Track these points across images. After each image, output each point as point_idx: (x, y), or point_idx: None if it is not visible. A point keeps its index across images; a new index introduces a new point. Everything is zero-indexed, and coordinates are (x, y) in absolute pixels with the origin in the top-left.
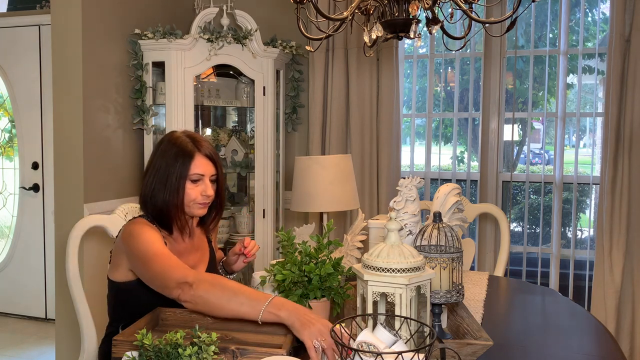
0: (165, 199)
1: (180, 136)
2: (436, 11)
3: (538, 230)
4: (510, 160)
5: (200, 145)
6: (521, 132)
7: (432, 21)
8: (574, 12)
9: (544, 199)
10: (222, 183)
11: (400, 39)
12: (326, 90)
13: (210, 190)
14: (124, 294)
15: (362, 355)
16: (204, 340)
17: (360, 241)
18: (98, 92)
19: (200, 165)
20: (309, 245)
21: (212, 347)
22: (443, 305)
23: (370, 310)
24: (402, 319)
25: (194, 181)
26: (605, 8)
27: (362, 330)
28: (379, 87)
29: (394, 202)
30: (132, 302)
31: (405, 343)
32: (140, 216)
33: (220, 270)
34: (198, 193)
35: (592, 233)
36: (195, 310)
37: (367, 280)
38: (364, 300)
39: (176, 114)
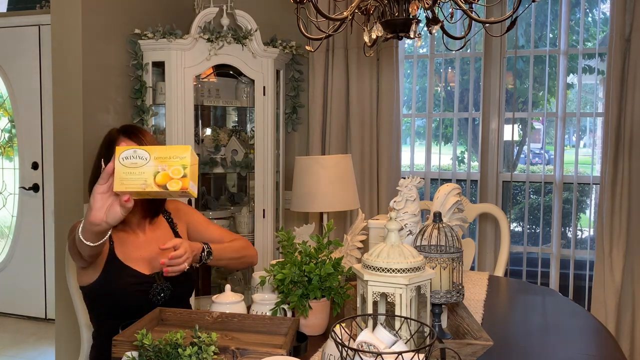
0: None
1: (112, 129)
2: (436, 11)
3: (538, 230)
4: (511, 160)
5: (127, 131)
6: (521, 132)
7: (432, 21)
8: (574, 12)
9: (544, 199)
10: None
11: (400, 39)
12: (326, 90)
13: None
14: (92, 297)
15: (362, 355)
16: (204, 340)
17: (360, 241)
18: (98, 92)
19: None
20: (309, 245)
21: (212, 347)
22: (443, 305)
23: (370, 310)
24: (402, 319)
25: None
26: (605, 8)
27: (362, 330)
28: (379, 87)
29: (394, 202)
30: (101, 303)
31: (405, 343)
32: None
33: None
34: None
35: (592, 233)
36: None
37: (367, 280)
38: (364, 300)
39: (176, 114)
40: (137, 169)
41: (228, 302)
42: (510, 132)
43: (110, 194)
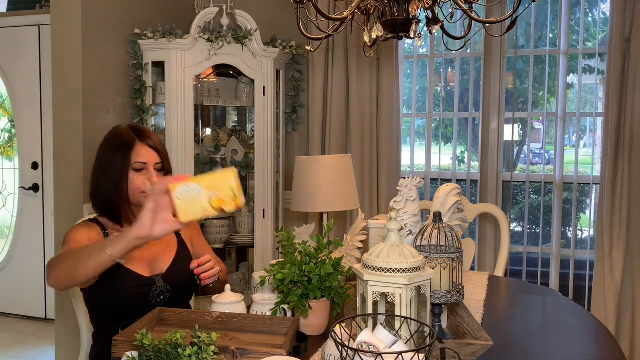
0: (109, 192)
1: (122, 128)
2: (436, 11)
3: (538, 230)
4: (511, 160)
5: (141, 135)
6: (521, 132)
7: (432, 21)
8: (574, 12)
9: (544, 199)
10: (170, 172)
11: (401, 39)
12: (326, 90)
13: (155, 178)
14: (92, 299)
15: (362, 355)
16: (204, 340)
17: (360, 241)
18: (98, 92)
19: (142, 154)
20: (309, 245)
21: (212, 347)
22: (443, 305)
23: (370, 310)
24: (402, 319)
25: (138, 170)
26: (605, 8)
27: (362, 330)
28: (379, 87)
29: (394, 202)
30: (101, 304)
31: (405, 343)
32: (89, 219)
33: (198, 281)
34: (142, 181)
35: (592, 233)
36: (66, 287)
37: (367, 281)
38: (364, 301)
39: (176, 114)
40: (194, 200)
41: (228, 302)
42: (510, 132)
43: (160, 211)
